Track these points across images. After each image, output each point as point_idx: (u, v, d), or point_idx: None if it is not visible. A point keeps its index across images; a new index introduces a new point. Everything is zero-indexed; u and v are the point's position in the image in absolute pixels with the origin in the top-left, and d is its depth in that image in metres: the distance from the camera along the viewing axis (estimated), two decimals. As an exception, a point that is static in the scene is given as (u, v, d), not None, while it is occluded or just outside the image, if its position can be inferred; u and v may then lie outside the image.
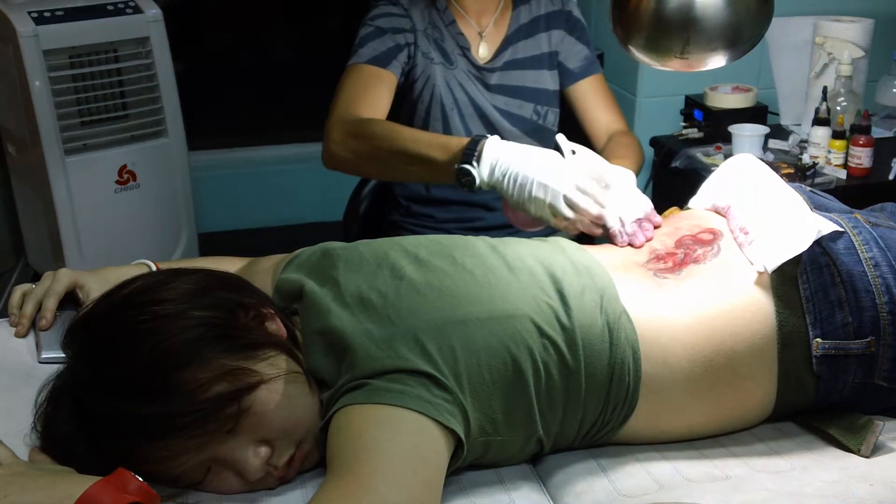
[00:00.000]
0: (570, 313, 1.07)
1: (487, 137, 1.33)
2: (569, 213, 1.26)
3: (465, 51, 1.75)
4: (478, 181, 1.31)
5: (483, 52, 1.76)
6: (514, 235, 1.33)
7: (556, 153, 1.29)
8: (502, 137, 1.68)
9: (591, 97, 1.82)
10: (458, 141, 1.37)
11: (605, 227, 1.28)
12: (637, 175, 1.50)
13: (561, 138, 1.31)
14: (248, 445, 0.99)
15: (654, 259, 1.19)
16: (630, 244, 1.24)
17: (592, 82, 1.82)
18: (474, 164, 1.31)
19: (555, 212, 1.27)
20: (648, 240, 1.23)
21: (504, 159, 1.29)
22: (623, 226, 1.25)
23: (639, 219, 1.25)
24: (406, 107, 1.77)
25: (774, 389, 1.12)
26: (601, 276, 1.13)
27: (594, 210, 1.26)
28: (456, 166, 1.32)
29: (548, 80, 1.80)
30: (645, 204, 1.28)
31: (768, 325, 1.10)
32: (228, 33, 4.31)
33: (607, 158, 1.51)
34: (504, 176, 1.29)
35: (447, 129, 1.74)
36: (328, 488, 0.90)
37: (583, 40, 1.82)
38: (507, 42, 1.78)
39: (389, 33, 1.68)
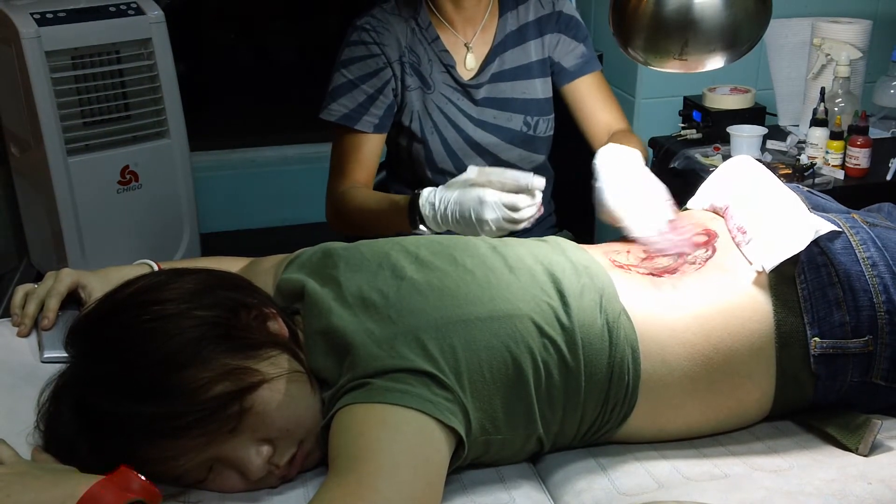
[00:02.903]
0: (569, 313, 1.07)
1: (420, 195, 1.40)
2: (518, 215, 1.31)
3: (449, 69, 1.70)
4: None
5: (470, 63, 1.71)
6: (512, 236, 1.34)
7: (469, 176, 1.36)
8: (489, 152, 1.72)
9: (589, 96, 1.75)
10: (405, 199, 1.45)
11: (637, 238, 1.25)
12: None
13: (471, 168, 1.37)
14: (249, 444, 0.99)
15: (652, 259, 1.20)
16: (680, 256, 1.20)
17: (590, 80, 1.75)
18: (420, 227, 1.40)
19: (509, 219, 1.31)
20: (697, 245, 1.20)
21: (440, 208, 1.36)
22: (661, 237, 1.22)
23: (671, 223, 1.22)
24: (392, 134, 1.75)
25: (773, 388, 1.13)
26: (600, 275, 1.13)
27: (526, 202, 1.31)
28: (413, 231, 1.41)
29: (538, 89, 1.74)
30: (663, 204, 1.25)
31: (766, 325, 1.11)
32: (230, 34, 4.31)
33: None
34: (450, 222, 1.36)
35: (428, 155, 1.71)
36: (330, 487, 0.91)
37: (578, 38, 1.75)
38: (494, 53, 1.72)
39: (360, 86, 1.67)
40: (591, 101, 1.75)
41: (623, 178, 1.32)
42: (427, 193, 1.39)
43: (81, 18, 2.44)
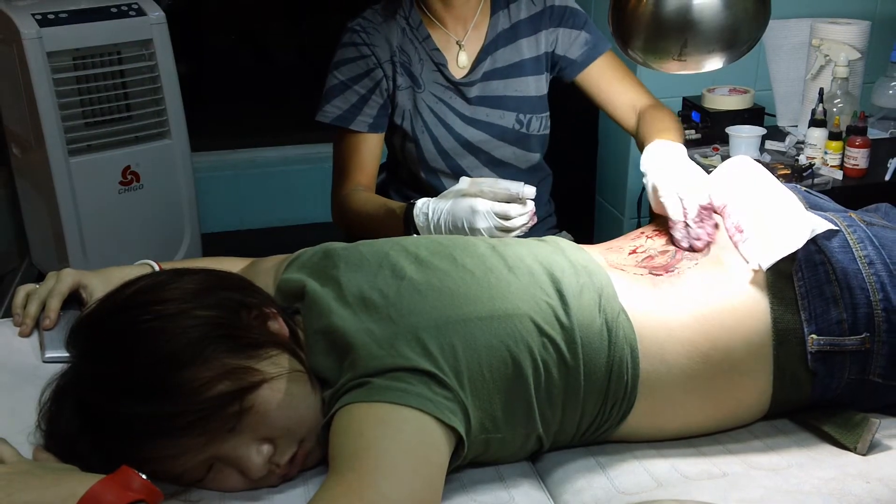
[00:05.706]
0: (569, 312, 1.08)
1: (414, 205, 1.41)
2: (509, 223, 1.31)
3: (440, 67, 1.70)
4: None
5: (463, 61, 1.71)
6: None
7: (462, 186, 1.39)
8: (482, 150, 1.73)
9: (604, 78, 1.73)
10: (400, 208, 1.46)
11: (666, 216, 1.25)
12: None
13: (463, 178, 1.40)
14: (250, 444, 1.00)
15: (649, 258, 1.21)
16: (691, 247, 1.21)
17: (602, 63, 1.73)
18: (415, 236, 1.40)
19: (502, 227, 1.32)
20: (711, 241, 1.20)
21: (433, 219, 1.37)
22: (686, 221, 1.21)
23: (702, 206, 1.21)
24: (388, 134, 1.75)
25: (770, 386, 1.13)
26: (599, 275, 1.14)
27: (518, 210, 1.32)
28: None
29: (531, 86, 1.74)
30: (703, 188, 1.23)
31: (764, 322, 1.11)
32: (230, 35, 4.32)
33: (645, 139, 1.52)
34: (443, 231, 1.36)
35: (420, 154, 1.71)
36: (330, 486, 0.91)
37: (577, 25, 1.73)
38: (486, 51, 1.72)
39: (352, 87, 1.67)
40: (608, 82, 1.73)
41: (669, 170, 1.31)
42: (421, 204, 1.40)
43: (83, 19, 2.45)
